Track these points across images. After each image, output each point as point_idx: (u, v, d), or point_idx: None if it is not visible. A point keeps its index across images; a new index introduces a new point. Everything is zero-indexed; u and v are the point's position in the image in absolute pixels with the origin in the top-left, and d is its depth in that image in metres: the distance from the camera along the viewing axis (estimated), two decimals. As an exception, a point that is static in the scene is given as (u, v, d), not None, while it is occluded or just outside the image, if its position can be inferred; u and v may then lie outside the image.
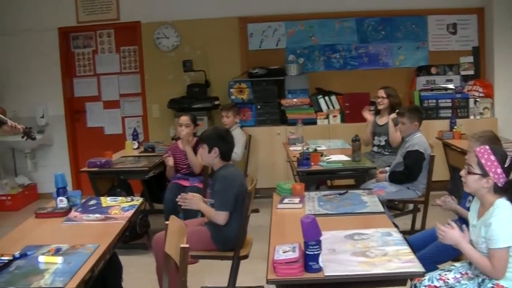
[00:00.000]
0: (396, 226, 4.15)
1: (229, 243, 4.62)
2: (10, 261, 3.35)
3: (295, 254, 3.09)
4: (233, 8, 8.85)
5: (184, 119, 6.65)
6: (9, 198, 8.96)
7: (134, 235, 6.38)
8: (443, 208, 4.55)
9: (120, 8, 9.12)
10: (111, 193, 6.45)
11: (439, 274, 3.65)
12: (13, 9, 9.29)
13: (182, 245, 3.24)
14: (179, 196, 4.82)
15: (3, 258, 3.39)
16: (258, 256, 4.86)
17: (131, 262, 5.62)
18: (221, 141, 4.75)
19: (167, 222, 3.76)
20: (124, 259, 4.81)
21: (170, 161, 6.60)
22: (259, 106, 8.61)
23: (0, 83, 9.35)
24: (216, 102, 8.57)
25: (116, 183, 6.79)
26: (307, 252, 3.04)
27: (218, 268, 5.15)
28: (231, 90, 8.58)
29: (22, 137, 5.28)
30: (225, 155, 4.78)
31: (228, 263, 4.66)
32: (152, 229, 6.68)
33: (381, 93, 7.21)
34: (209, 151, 4.72)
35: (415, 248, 3.80)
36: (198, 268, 5.48)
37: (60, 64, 9.35)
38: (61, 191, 4.47)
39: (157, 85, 9.09)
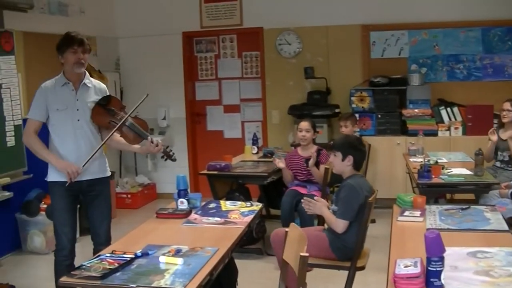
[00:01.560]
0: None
1: (347, 252, 4.56)
2: (132, 259, 3.43)
3: (417, 270, 3.00)
4: (356, 15, 8.75)
5: (305, 124, 6.63)
6: (129, 196, 9.24)
7: (250, 240, 6.40)
8: None
9: (244, 13, 9.20)
10: (229, 196, 6.51)
11: None
12: (140, 13, 9.61)
13: (302, 254, 3.22)
14: (304, 198, 4.80)
15: (125, 255, 3.48)
16: (372, 268, 4.79)
17: (246, 266, 5.66)
18: (355, 149, 4.69)
19: (286, 229, 3.75)
20: (239, 263, 4.83)
21: (280, 164, 6.56)
22: (379, 116, 8.48)
23: (124, 84, 9.66)
24: (337, 110, 8.50)
25: (235, 187, 6.83)
26: (429, 268, 2.94)
27: (331, 277, 5.10)
28: (352, 98, 8.50)
29: (162, 157, 5.09)
30: (358, 164, 4.72)
31: (343, 273, 4.60)
32: (268, 234, 6.68)
33: (507, 105, 6.93)
34: (343, 159, 4.67)
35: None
36: (312, 276, 5.44)
37: (183, 67, 9.56)
38: (182, 193, 4.54)
39: (277, 91, 9.12)
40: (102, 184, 5.06)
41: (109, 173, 5.15)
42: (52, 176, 4.81)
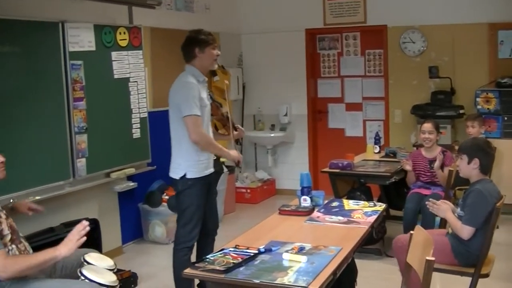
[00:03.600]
0: None
1: (470, 258, 4.41)
2: (256, 255, 3.44)
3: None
4: (483, 13, 8.41)
5: (428, 126, 6.47)
6: (248, 191, 9.31)
7: (370, 240, 6.32)
8: None
9: (368, 11, 9.08)
10: (350, 195, 6.45)
11: None
12: (264, 10, 9.68)
13: (428, 258, 3.13)
14: (430, 200, 4.70)
15: (249, 251, 3.50)
16: (496, 276, 4.61)
17: (365, 267, 5.57)
18: (482, 152, 4.52)
19: (411, 232, 3.66)
20: (357, 263, 4.76)
21: (407, 166, 6.45)
22: (506, 118, 8.15)
23: (246, 80, 9.75)
24: (461, 111, 8.24)
25: (356, 186, 6.76)
26: None
27: (451, 282, 4.93)
28: (478, 99, 8.21)
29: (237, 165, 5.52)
30: (485, 167, 4.54)
31: (464, 279, 4.46)
32: (388, 235, 6.59)
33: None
34: (469, 162, 4.52)
35: None
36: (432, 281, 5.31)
37: (305, 64, 9.55)
38: (306, 190, 4.52)
39: (400, 90, 8.94)
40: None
41: None
42: (192, 173, 4.94)
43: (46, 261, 3.56)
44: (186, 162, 4.95)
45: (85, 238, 3.60)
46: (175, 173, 5.02)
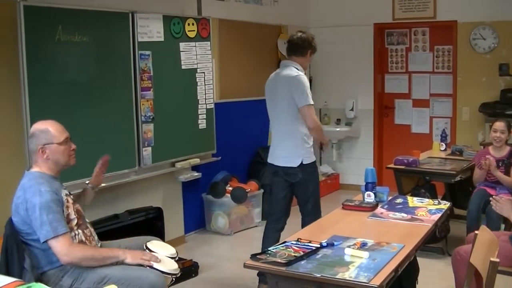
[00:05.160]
0: None
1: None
2: (317, 249, 3.45)
3: None
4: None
5: (501, 125, 6.31)
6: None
7: (433, 238, 6.24)
8: None
9: (438, 6, 8.94)
10: (414, 193, 6.37)
11: None
12: (333, 3, 9.66)
13: (492, 259, 3.08)
14: (493, 197, 4.61)
15: (311, 244, 3.50)
16: None
17: (426, 265, 5.51)
18: None
19: (476, 232, 3.61)
20: (419, 261, 4.71)
21: (484, 165, 6.26)
22: None
23: (314, 73, 9.72)
24: (532, 111, 8.07)
25: (421, 183, 6.68)
26: None
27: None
28: (548, 99, 8.03)
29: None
30: None
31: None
32: (451, 234, 6.49)
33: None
34: None
35: None
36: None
37: (373, 59, 9.48)
38: (370, 185, 4.50)
39: (469, 87, 8.78)
40: None
41: None
42: (308, 159, 5.40)
43: (109, 257, 3.69)
44: (302, 150, 5.34)
45: (151, 264, 3.74)
46: (292, 161, 5.37)
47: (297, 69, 5.34)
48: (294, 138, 5.34)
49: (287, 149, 5.39)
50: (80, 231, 3.77)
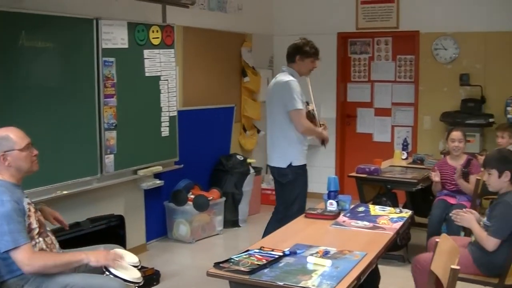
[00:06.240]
0: None
1: (493, 269, 4.39)
2: (280, 257, 3.46)
3: None
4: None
5: (457, 134, 6.40)
6: (273, 193, 9.26)
7: (394, 246, 6.28)
8: None
9: (400, 16, 9.04)
10: (376, 201, 6.42)
11: None
12: (297, 12, 9.71)
13: (452, 266, 3.12)
14: (454, 211, 4.68)
15: (274, 253, 3.51)
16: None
17: (387, 273, 5.54)
18: (511, 164, 4.50)
19: (437, 240, 3.64)
20: (380, 269, 4.76)
21: (436, 177, 6.39)
22: (536, 128, 8.09)
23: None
24: (491, 120, 8.17)
25: (383, 191, 6.74)
26: None
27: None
28: (508, 108, 8.10)
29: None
30: None
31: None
32: (411, 242, 6.56)
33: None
34: (499, 176, 4.47)
35: None
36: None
37: (336, 68, 9.54)
38: (333, 194, 4.53)
39: (430, 96, 8.90)
40: None
41: None
42: (300, 160, 5.75)
43: (72, 262, 3.66)
44: (292, 152, 5.67)
45: (115, 264, 3.72)
46: (282, 162, 5.71)
47: (291, 75, 5.70)
48: (285, 140, 5.67)
49: (279, 150, 5.74)
50: (41, 239, 3.72)
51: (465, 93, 8.64)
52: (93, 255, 3.70)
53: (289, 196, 5.79)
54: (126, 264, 3.88)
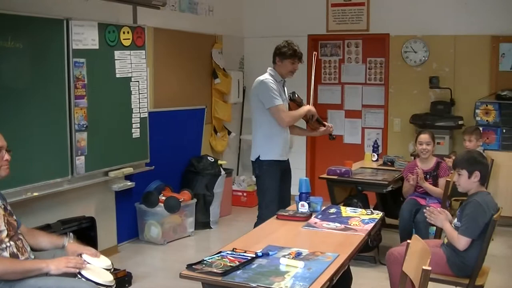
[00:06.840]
0: None
1: (465, 269, 4.43)
2: (253, 258, 3.46)
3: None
4: (486, 26, 8.41)
5: (425, 137, 6.43)
6: (244, 194, 9.31)
7: (365, 247, 6.32)
8: None
9: (371, 19, 9.10)
10: (347, 202, 6.46)
11: None
12: (267, 14, 9.73)
13: (424, 267, 3.14)
14: (427, 208, 4.73)
15: (246, 254, 3.51)
16: (491, 287, 4.62)
17: (359, 274, 5.60)
18: (480, 164, 4.53)
19: (409, 241, 3.68)
20: (352, 270, 4.78)
21: (412, 181, 6.41)
22: (504, 130, 8.15)
23: (247, 84, 9.69)
24: (460, 122, 8.26)
25: (354, 193, 6.78)
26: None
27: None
28: (477, 111, 8.22)
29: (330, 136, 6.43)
30: (484, 178, 4.57)
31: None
32: (383, 243, 6.60)
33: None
34: (469, 176, 4.52)
35: None
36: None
37: (307, 70, 9.55)
38: (304, 196, 4.54)
39: (400, 99, 8.97)
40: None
41: None
42: (268, 155, 5.78)
43: (32, 270, 3.58)
44: (261, 146, 5.80)
45: (77, 270, 3.65)
46: (252, 155, 5.91)
47: (270, 74, 5.85)
48: (257, 134, 5.85)
49: (253, 144, 5.95)
50: (12, 243, 3.68)
51: (435, 96, 8.72)
52: (53, 263, 3.63)
53: (258, 192, 5.95)
54: (95, 266, 3.85)
